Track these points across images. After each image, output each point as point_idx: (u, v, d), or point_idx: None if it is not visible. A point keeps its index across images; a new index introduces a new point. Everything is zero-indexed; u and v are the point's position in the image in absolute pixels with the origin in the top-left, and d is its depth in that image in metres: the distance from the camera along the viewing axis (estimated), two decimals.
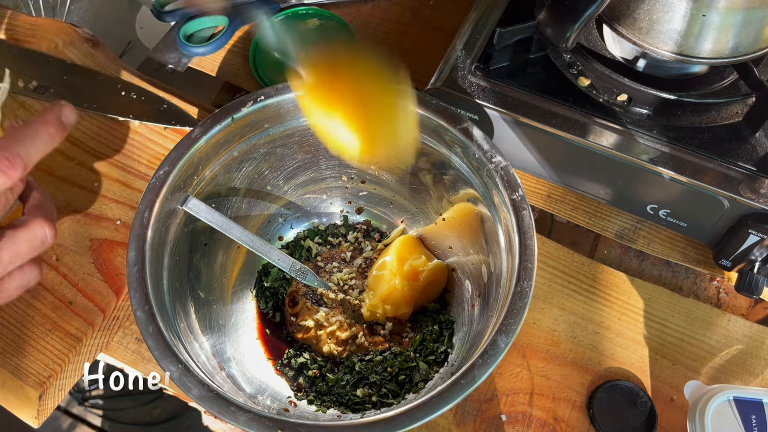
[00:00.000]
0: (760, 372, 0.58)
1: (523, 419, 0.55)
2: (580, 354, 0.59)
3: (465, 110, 0.60)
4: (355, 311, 0.59)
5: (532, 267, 0.46)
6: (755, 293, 0.57)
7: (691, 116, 0.57)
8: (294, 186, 0.63)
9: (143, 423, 1.38)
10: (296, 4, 0.82)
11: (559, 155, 0.60)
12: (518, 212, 0.48)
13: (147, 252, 0.48)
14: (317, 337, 0.57)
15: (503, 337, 0.44)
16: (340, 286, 0.60)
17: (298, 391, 0.56)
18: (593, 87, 0.59)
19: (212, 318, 0.56)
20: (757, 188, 0.53)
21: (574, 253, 0.64)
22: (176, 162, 0.52)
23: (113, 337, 0.60)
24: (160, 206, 0.50)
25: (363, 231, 0.65)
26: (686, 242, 0.64)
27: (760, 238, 0.53)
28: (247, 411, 0.41)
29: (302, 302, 0.59)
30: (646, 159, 0.55)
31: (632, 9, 0.54)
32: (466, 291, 0.58)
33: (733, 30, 0.51)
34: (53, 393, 0.57)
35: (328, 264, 0.62)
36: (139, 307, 0.45)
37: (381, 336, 0.58)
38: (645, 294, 0.61)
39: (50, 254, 0.62)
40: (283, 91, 0.54)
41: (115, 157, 0.69)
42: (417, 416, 0.41)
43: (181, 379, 0.43)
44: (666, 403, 0.56)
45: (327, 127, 0.51)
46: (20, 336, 0.58)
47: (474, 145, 0.51)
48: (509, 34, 0.59)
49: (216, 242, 0.57)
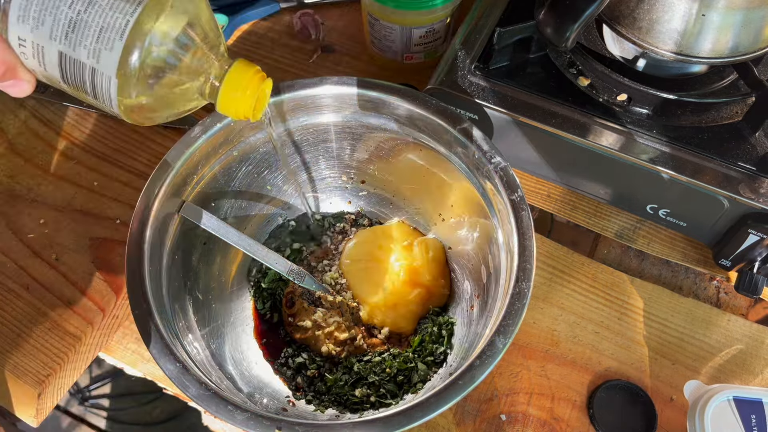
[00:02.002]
0: (759, 372, 0.58)
1: (522, 419, 0.55)
2: (579, 354, 0.58)
3: (465, 110, 0.60)
4: (353, 313, 0.59)
5: (531, 268, 0.46)
6: (755, 293, 0.57)
7: (691, 116, 0.57)
8: (293, 186, 0.62)
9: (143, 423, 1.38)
10: (296, 4, 0.82)
11: (558, 155, 0.60)
12: (517, 213, 0.48)
13: (146, 251, 0.48)
14: (315, 338, 0.57)
15: (501, 338, 0.43)
16: (333, 286, 0.60)
17: (296, 390, 0.56)
18: (593, 87, 0.59)
19: (211, 317, 0.56)
20: (756, 188, 0.53)
21: (574, 252, 0.64)
22: (176, 161, 0.52)
23: (113, 337, 0.60)
24: (159, 205, 0.50)
25: (351, 221, 0.65)
26: (686, 242, 0.64)
27: (760, 237, 0.53)
28: (245, 410, 0.41)
29: (299, 303, 0.59)
30: (646, 159, 0.55)
31: (632, 9, 0.54)
32: (465, 292, 0.58)
33: (733, 30, 0.51)
34: (52, 392, 0.57)
35: (320, 263, 0.62)
36: (137, 306, 0.45)
37: (378, 339, 0.58)
38: (645, 294, 0.61)
39: (50, 253, 0.63)
40: (283, 90, 0.54)
41: (115, 156, 0.70)
42: (415, 416, 0.41)
43: (179, 378, 0.43)
44: (666, 402, 0.56)
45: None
46: (19, 334, 0.58)
47: (473, 146, 0.51)
48: (509, 33, 0.59)
49: (215, 241, 0.57)
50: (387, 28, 0.69)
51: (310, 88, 0.55)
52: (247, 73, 0.41)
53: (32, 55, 0.37)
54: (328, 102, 0.56)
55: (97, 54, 0.36)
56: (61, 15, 0.35)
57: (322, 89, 0.55)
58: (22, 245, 0.63)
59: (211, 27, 0.40)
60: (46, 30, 0.36)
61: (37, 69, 0.38)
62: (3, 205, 0.66)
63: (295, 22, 0.80)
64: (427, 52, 0.72)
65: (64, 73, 0.37)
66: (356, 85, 0.54)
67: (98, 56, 0.36)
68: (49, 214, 0.65)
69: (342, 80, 0.55)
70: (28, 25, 0.36)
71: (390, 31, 0.69)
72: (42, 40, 0.36)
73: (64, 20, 0.35)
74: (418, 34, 0.69)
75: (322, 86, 0.55)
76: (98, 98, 0.38)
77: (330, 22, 0.81)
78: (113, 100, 0.38)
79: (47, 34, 0.36)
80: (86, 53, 0.36)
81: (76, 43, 0.36)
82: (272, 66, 0.78)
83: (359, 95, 0.55)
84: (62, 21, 0.35)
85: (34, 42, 0.36)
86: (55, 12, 0.35)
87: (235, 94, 0.41)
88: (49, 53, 0.37)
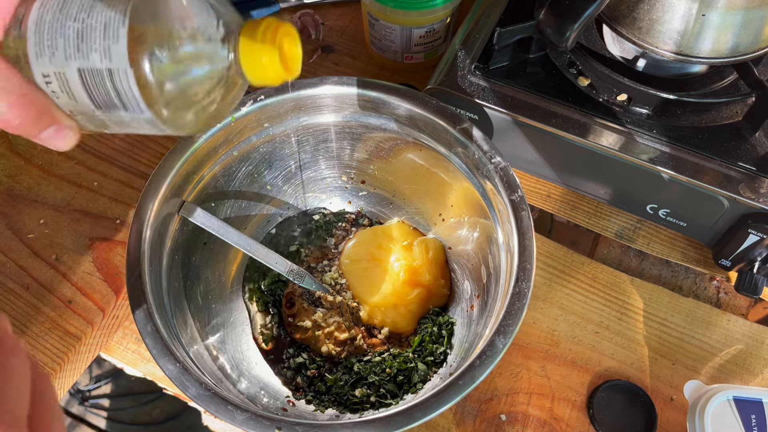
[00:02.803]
0: (759, 372, 0.58)
1: (522, 419, 0.55)
2: (579, 354, 0.58)
3: (465, 110, 0.60)
4: (353, 313, 0.59)
5: (530, 268, 0.46)
6: (755, 293, 0.57)
7: (691, 116, 0.57)
8: (293, 186, 0.63)
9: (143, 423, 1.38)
10: (296, 5, 0.82)
11: (558, 155, 0.60)
12: (517, 213, 0.48)
13: (146, 251, 0.48)
14: (315, 338, 0.57)
15: (501, 338, 0.43)
16: (333, 286, 0.60)
17: (296, 390, 0.56)
18: (593, 87, 0.59)
19: (211, 317, 0.56)
20: (756, 188, 0.53)
21: (574, 252, 0.64)
22: (176, 161, 0.52)
23: (113, 337, 0.60)
24: (159, 206, 0.50)
25: (351, 220, 0.65)
26: (686, 242, 0.64)
27: (760, 237, 0.53)
28: (245, 410, 0.41)
29: (299, 303, 0.59)
30: (646, 159, 0.55)
31: (632, 9, 0.54)
32: (465, 292, 0.58)
33: (733, 30, 0.51)
34: None
35: (319, 263, 0.62)
36: (137, 306, 0.45)
37: (378, 339, 0.58)
38: (645, 294, 0.61)
39: (50, 253, 0.63)
40: (283, 90, 0.54)
41: (115, 156, 0.69)
42: (415, 416, 0.41)
43: (179, 378, 0.43)
44: (666, 402, 0.56)
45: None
46: (20, 334, 0.58)
47: (473, 146, 0.51)
48: (509, 33, 0.59)
49: (215, 242, 0.57)
50: (387, 28, 0.69)
51: (310, 88, 0.55)
52: (260, 27, 0.37)
53: (59, 88, 0.36)
54: (328, 102, 0.56)
55: (108, 51, 0.34)
56: (69, 31, 0.35)
57: (322, 89, 0.55)
58: (22, 245, 0.63)
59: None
60: (61, 53, 0.35)
61: (71, 106, 0.36)
62: (3, 205, 0.66)
63: (295, 22, 0.80)
64: (427, 52, 0.72)
65: (90, 92, 0.36)
66: (356, 85, 0.54)
67: (109, 53, 0.34)
68: (49, 214, 0.65)
69: (342, 80, 0.55)
70: (46, 56, 0.35)
71: (390, 31, 0.69)
72: (61, 65, 0.35)
73: (72, 35, 0.35)
74: (418, 34, 0.69)
75: (322, 86, 0.55)
76: (128, 108, 0.36)
77: (330, 22, 0.81)
78: (138, 99, 0.35)
79: (63, 56, 0.35)
80: (98, 56, 0.35)
81: (88, 51, 0.35)
82: None
83: (359, 95, 0.55)
84: (71, 36, 0.35)
85: (56, 72, 0.35)
86: (63, 31, 0.35)
87: (257, 61, 0.37)
88: (71, 77, 0.35)
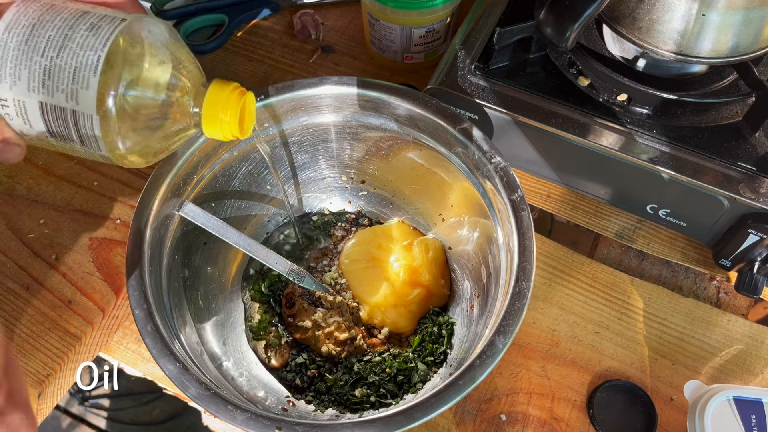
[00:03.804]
0: (759, 372, 0.58)
1: (522, 419, 0.55)
2: (579, 354, 0.58)
3: (465, 110, 0.60)
4: (353, 313, 0.59)
5: (531, 268, 0.46)
6: (755, 293, 0.57)
7: (691, 116, 0.57)
8: (293, 186, 0.62)
9: (143, 423, 1.38)
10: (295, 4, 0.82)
11: (559, 155, 0.60)
12: (517, 213, 0.48)
13: (146, 251, 0.48)
14: (315, 338, 0.57)
15: (501, 338, 0.43)
16: (333, 286, 0.60)
17: (296, 390, 0.56)
18: (593, 87, 0.59)
19: (211, 317, 0.56)
20: (757, 188, 0.53)
21: (574, 252, 0.64)
22: (176, 161, 0.51)
23: (113, 337, 0.60)
24: (159, 205, 0.50)
25: (351, 220, 0.65)
26: (686, 242, 0.64)
27: (760, 237, 0.53)
28: (245, 410, 0.41)
29: (299, 303, 0.59)
30: (646, 159, 0.55)
31: (632, 9, 0.54)
32: (465, 292, 0.58)
33: (733, 29, 0.51)
34: (52, 392, 0.57)
35: (319, 263, 0.62)
36: (137, 306, 0.45)
37: (378, 339, 0.58)
38: (645, 294, 0.61)
39: (50, 253, 0.63)
40: (283, 90, 0.54)
41: None
42: (415, 416, 0.41)
43: (179, 378, 0.43)
44: (666, 402, 0.56)
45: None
46: (19, 334, 0.58)
47: (473, 146, 0.51)
48: (509, 33, 0.58)
49: (215, 241, 0.57)
50: (387, 28, 0.69)
51: (310, 88, 0.55)
52: (224, 92, 0.40)
53: (15, 113, 0.37)
54: (328, 102, 0.56)
55: (75, 95, 0.36)
56: (35, 66, 0.36)
57: (322, 89, 0.55)
58: (22, 245, 0.63)
59: (184, 55, 0.40)
60: (23, 84, 0.36)
61: (24, 128, 0.38)
62: (3, 205, 0.66)
63: (295, 22, 0.80)
64: (427, 52, 0.72)
65: (49, 124, 0.37)
66: (356, 85, 0.54)
67: (76, 97, 0.36)
68: (49, 214, 0.65)
69: (342, 80, 0.55)
70: (6, 83, 0.36)
71: (390, 31, 0.69)
72: (21, 95, 0.36)
73: (39, 70, 0.35)
74: (418, 34, 0.69)
75: (322, 86, 0.55)
76: (85, 143, 0.37)
77: (330, 22, 0.81)
78: (99, 141, 0.37)
79: (25, 87, 0.36)
80: (64, 97, 0.36)
81: (53, 90, 0.36)
82: (272, 66, 0.78)
83: (359, 95, 0.55)
84: (37, 71, 0.36)
85: (15, 99, 0.36)
86: (29, 64, 0.36)
87: (217, 116, 0.40)
88: (30, 107, 0.36)
